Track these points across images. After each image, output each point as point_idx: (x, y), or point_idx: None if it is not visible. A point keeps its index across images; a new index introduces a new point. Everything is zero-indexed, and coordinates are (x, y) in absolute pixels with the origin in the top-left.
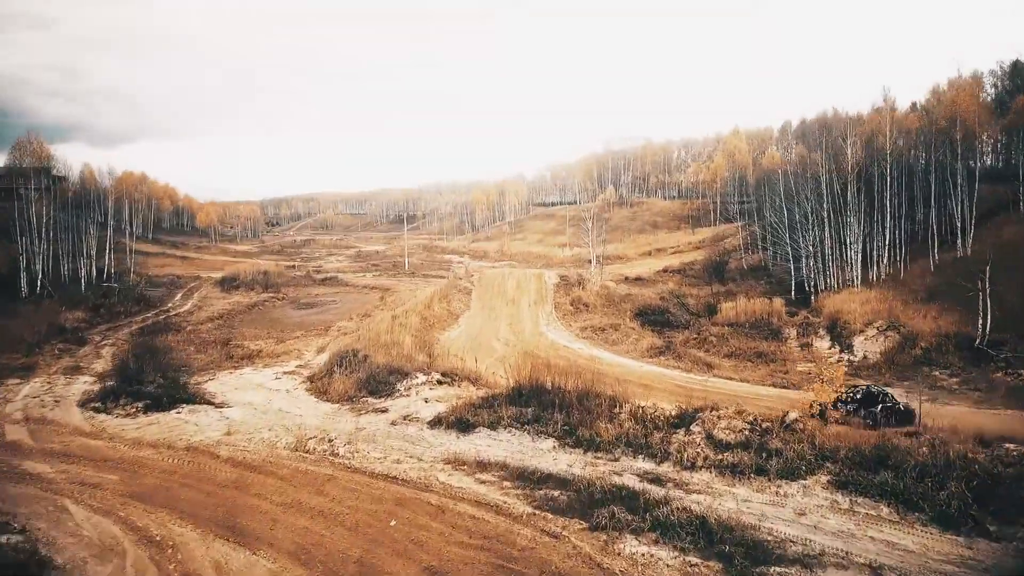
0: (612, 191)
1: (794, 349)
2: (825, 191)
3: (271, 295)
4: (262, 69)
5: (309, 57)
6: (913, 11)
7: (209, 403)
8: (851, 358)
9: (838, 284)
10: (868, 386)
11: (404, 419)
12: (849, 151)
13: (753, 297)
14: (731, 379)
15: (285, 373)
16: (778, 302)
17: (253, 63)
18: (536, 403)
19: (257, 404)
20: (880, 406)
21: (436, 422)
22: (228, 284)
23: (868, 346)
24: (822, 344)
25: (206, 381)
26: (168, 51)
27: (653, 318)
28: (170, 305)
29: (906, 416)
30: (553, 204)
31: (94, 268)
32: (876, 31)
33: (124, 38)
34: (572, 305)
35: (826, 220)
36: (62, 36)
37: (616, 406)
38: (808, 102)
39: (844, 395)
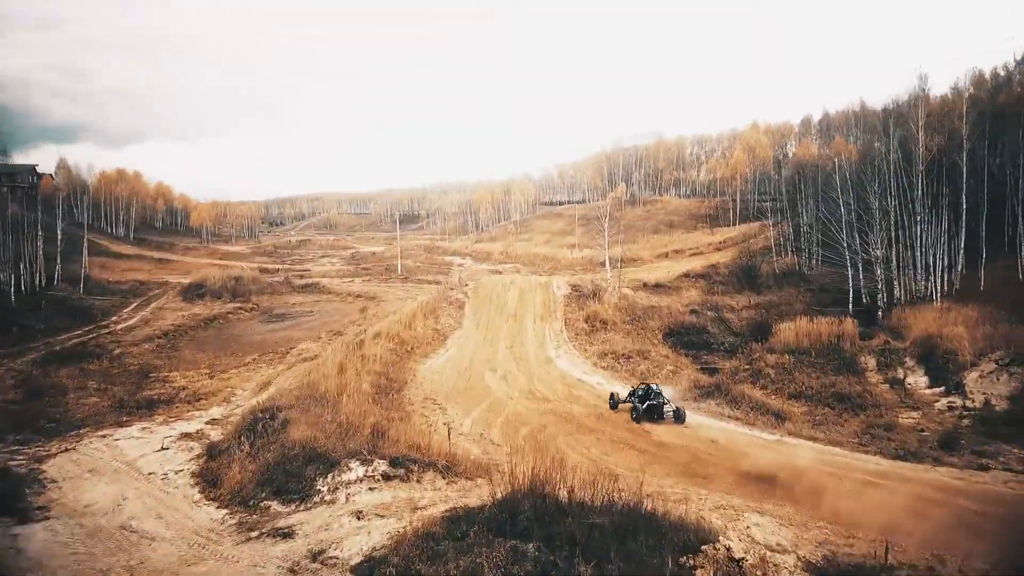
0: (623, 188)
1: (881, 388)
2: (890, 184)
3: (238, 305)
4: (262, 69)
5: (309, 57)
6: (912, 10)
7: (14, 510)
8: (966, 404)
9: (906, 296)
10: (648, 384)
11: (314, 560)
12: (921, 137)
13: (803, 311)
14: (815, 440)
15: (182, 437)
16: (849, 323)
17: (253, 63)
18: (542, 535)
19: (96, 510)
20: (646, 403)
21: (365, 570)
22: (193, 292)
23: (988, 387)
24: (917, 380)
25: (55, 453)
26: (169, 52)
27: (688, 339)
28: (114, 319)
29: (677, 416)
30: (561, 203)
31: (42, 274)
32: (874, 31)
33: (125, 38)
34: (587, 322)
35: (896, 218)
36: (64, 37)
37: (687, 549)
38: (817, 98)
39: (635, 389)
